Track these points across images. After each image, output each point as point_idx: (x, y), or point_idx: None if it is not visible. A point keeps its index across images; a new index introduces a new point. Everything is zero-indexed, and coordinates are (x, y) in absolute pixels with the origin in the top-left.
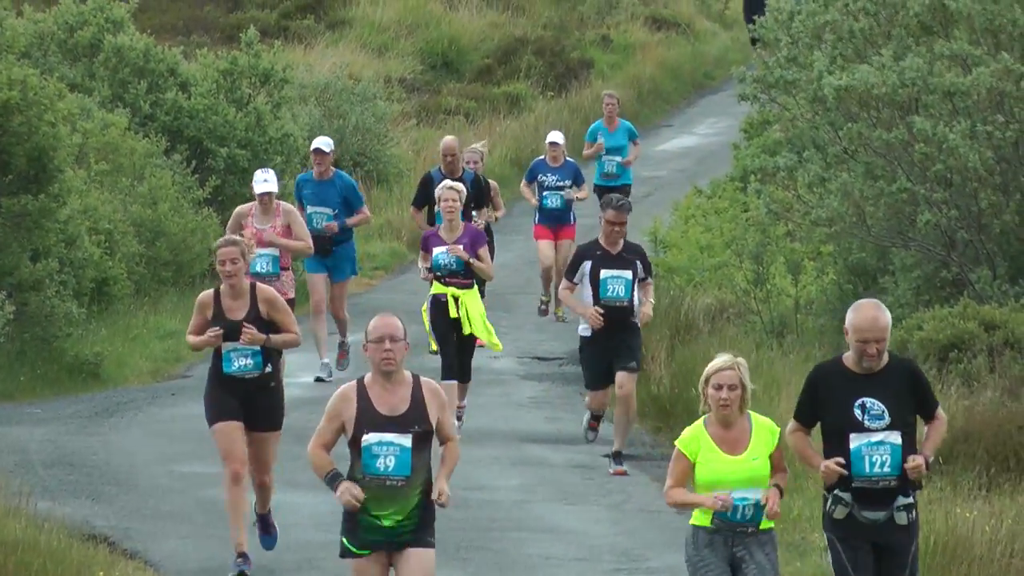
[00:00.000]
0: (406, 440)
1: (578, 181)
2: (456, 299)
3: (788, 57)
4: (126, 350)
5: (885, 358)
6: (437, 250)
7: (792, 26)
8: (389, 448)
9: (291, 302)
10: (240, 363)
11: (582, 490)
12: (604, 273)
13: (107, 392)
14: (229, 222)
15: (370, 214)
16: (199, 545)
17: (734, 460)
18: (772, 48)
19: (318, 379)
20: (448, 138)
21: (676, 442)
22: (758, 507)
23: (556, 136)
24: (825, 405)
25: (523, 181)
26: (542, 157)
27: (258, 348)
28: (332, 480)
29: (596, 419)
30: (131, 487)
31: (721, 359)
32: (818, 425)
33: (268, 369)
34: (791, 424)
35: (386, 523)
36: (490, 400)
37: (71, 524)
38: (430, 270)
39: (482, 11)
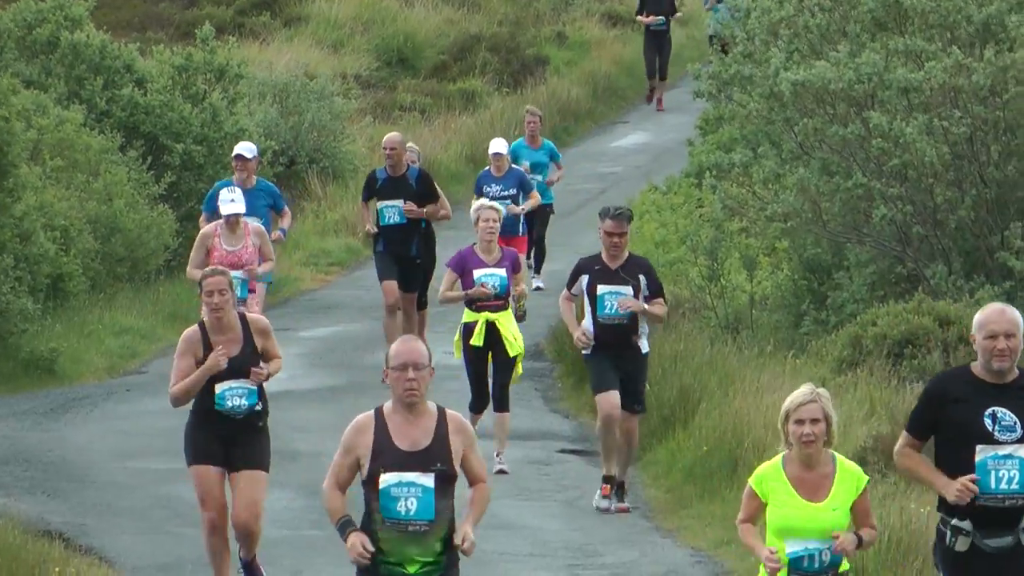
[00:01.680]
0: (428, 480)
1: (525, 188)
2: (490, 323)
3: (744, 53)
4: (81, 346)
5: (1015, 372)
6: (479, 272)
7: (748, 23)
8: (410, 489)
9: None
10: (235, 403)
11: (537, 486)
12: (601, 289)
13: (63, 388)
14: (195, 244)
15: (290, 212)
16: (155, 541)
17: (811, 507)
18: (729, 45)
19: None
20: (391, 134)
21: (749, 479)
22: (835, 557)
23: (498, 145)
24: (949, 414)
25: (474, 197)
26: (487, 168)
27: (254, 387)
28: (343, 529)
29: (608, 481)
30: (87, 483)
31: (801, 391)
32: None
33: (258, 407)
34: (902, 440)
35: (410, 570)
36: (447, 397)
37: (26, 520)
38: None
39: (438, 7)
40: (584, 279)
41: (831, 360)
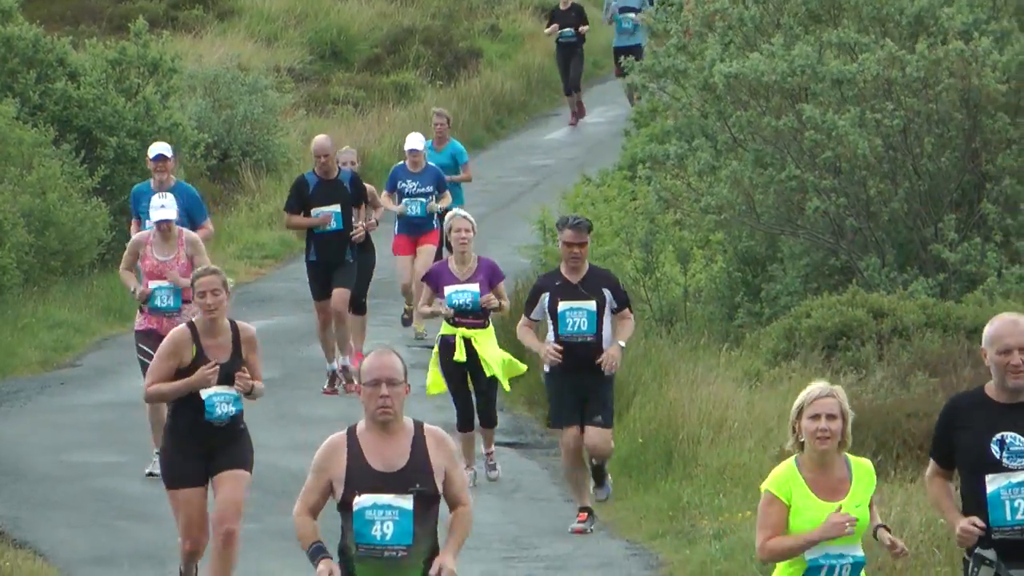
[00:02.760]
0: (406, 502)
1: (440, 186)
2: (467, 340)
3: (678, 46)
4: (15, 340)
5: None
6: (450, 289)
7: (682, 15)
8: (386, 512)
9: None
10: (223, 410)
11: (481, 479)
12: (563, 305)
13: None
14: (125, 252)
15: (212, 229)
16: (90, 534)
17: (831, 509)
18: (662, 38)
19: None
20: (320, 137)
21: (764, 486)
22: (857, 566)
23: (415, 141)
24: (957, 442)
25: (384, 191)
26: (402, 163)
27: (240, 394)
28: (313, 556)
29: (585, 510)
30: (20, 476)
31: (817, 386)
32: None
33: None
34: (930, 468)
35: None
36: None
37: None
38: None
39: (371, 1)
40: (545, 297)
41: (765, 352)
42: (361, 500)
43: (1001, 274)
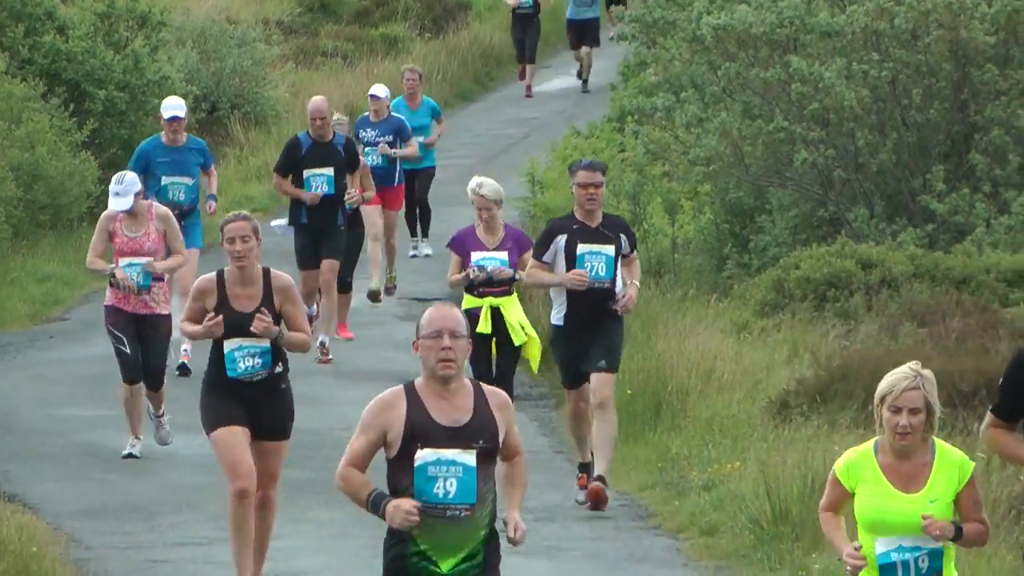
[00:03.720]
0: (470, 458)
1: (402, 135)
2: (495, 309)
3: None
4: (4, 293)
5: None
6: (478, 256)
7: None
8: (450, 468)
9: (166, 319)
10: (247, 364)
11: None
12: (582, 248)
13: None
14: (94, 237)
15: (215, 170)
16: (77, 487)
17: (905, 499)
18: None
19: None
20: (317, 99)
21: (836, 466)
22: (935, 555)
23: (378, 89)
24: None
25: None
26: (366, 113)
27: (267, 345)
28: (376, 502)
29: (585, 470)
30: (9, 430)
31: (902, 372)
32: None
33: (278, 369)
34: (986, 419)
35: (444, 568)
36: (369, 341)
37: None
38: (483, 269)
39: None
40: (561, 239)
41: (754, 303)
42: (424, 455)
43: (989, 224)
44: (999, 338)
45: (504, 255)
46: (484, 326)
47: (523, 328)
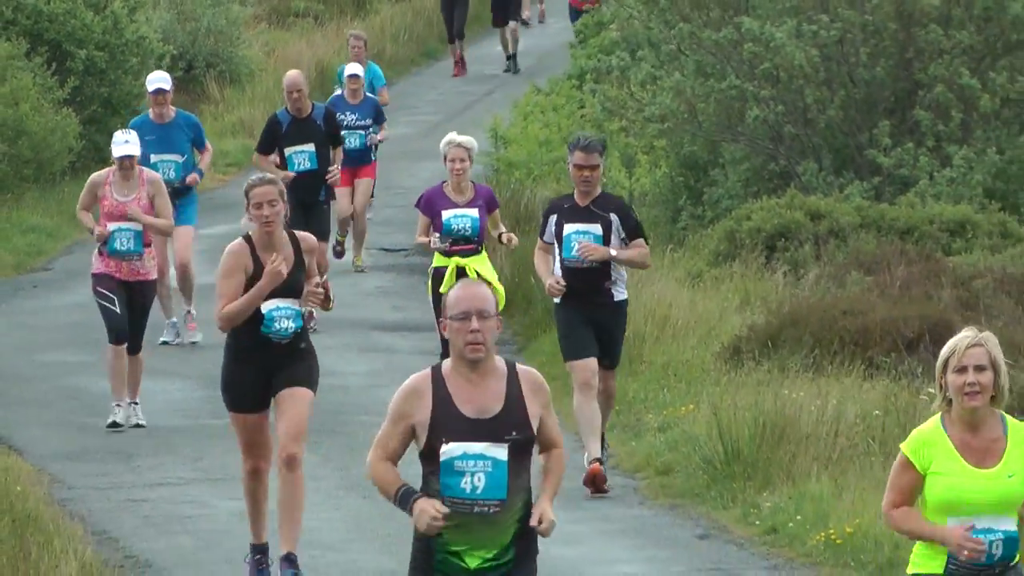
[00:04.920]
0: (501, 452)
1: (379, 120)
2: (460, 269)
3: None
4: None
5: None
6: (448, 213)
7: None
8: (478, 463)
9: (153, 284)
10: (282, 325)
11: None
12: (568, 228)
13: None
14: (82, 193)
15: (211, 148)
16: (61, 431)
17: (982, 475)
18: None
19: (164, 343)
20: (292, 73)
21: (902, 446)
22: (1010, 542)
23: (355, 68)
24: None
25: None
26: (339, 92)
27: (299, 308)
28: (405, 499)
29: (599, 460)
30: None
31: (963, 335)
32: None
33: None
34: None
35: (471, 564)
36: (339, 290)
37: None
38: (442, 239)
39: None
40: (553, 219)
41: (707, 253)
42: (449, 449)
43: (932, 177)
44: (942, 286)
45: (475, 211)
46: (447, 287)
47: (489, 285)
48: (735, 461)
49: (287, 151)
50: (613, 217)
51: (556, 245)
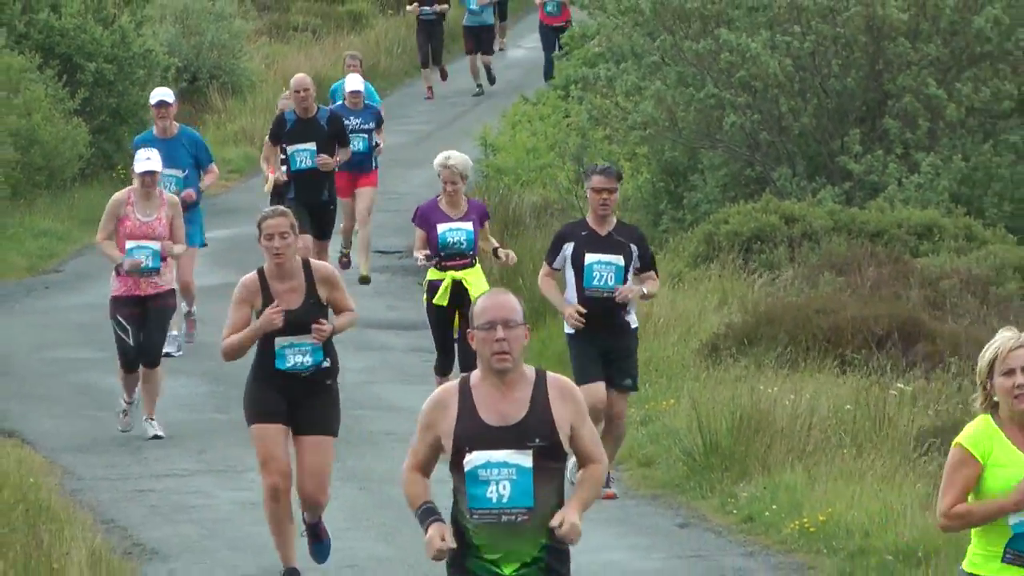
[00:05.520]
0: (525, 459)
1: (379, 124)
2: (456, 282)
3: None
4: (3, 247)
5: None
6: (443, 227)
7: None
8: (502, 471)
9: (171, 293)
10: (296, 360)
11: (420, 371)
12: (590, 258)
13: None
14: (106, 211)
15: (217, 171)
16: (71, 424)
17: None
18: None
19: (167, 354)
20: (300, 74)
21: (960, 440)
22: None
23: (356, 83)
24: None
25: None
26: (340, 103)
27: (316, 344)
28: (423, 519)
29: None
30: (7, 372)
31: (1006, 335)
32: None
33: (326, 364)
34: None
35: (506, 571)
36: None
37: None
38: (430, 257)
39: None
40: (569, 247)
41: (687, 255)
42: (473, 458)
43: (901, 183)
44: (910, 286)
45: (469, 225)
46: (442, 299)
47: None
48: (713, 453)
49: (290, 149)
50: (633, 248)
51: (572, 273)
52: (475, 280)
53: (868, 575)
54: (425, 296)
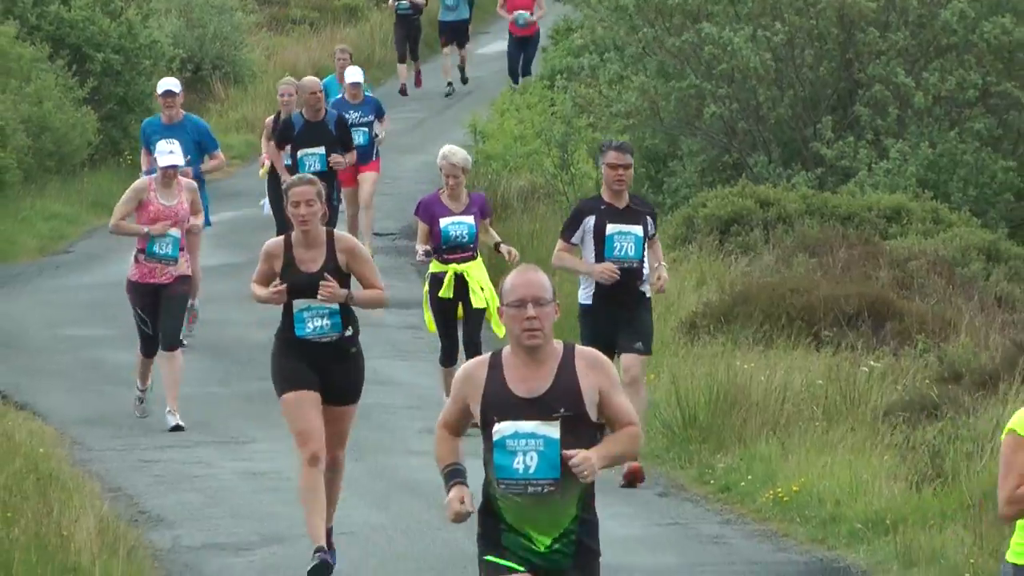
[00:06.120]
0: (551, 430)
1: (380, 115)
2: (458, 275)
3: None
4: (15, 230)
5: None
6: (445, 221)
7: None
8: (529, 442)
9: (186, 279)
10: (315, 324)
11: (413, 347)
12: (611, 228)
13: None
14: (125, 196)
15: (224, 158)
16: (81, 398)
17: None
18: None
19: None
20: (309, 78)
21: (1012, 426)
22: None
23: (356, 75)
24: None
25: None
26: (340, 96)
27: (336, 307)
28: (447, 480)
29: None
30: (20, 348)
31: None
32: None
33: (348, 332)
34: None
35: (540, 546)
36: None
37: None
38: (429, 253)
39: None
40: (590, 220)
41: (667, 237)
42: (500, 428)
43: (871, 168)
44: (879, 267)
45: (470, 219)
46: (447, 291)
47: (483, 290)
48: (692, 426)
49: (299, 153)
50: (648, 219)
51: (592, 245)
52: (476, 273)
53: (839, 542)
54: (427, 289)
